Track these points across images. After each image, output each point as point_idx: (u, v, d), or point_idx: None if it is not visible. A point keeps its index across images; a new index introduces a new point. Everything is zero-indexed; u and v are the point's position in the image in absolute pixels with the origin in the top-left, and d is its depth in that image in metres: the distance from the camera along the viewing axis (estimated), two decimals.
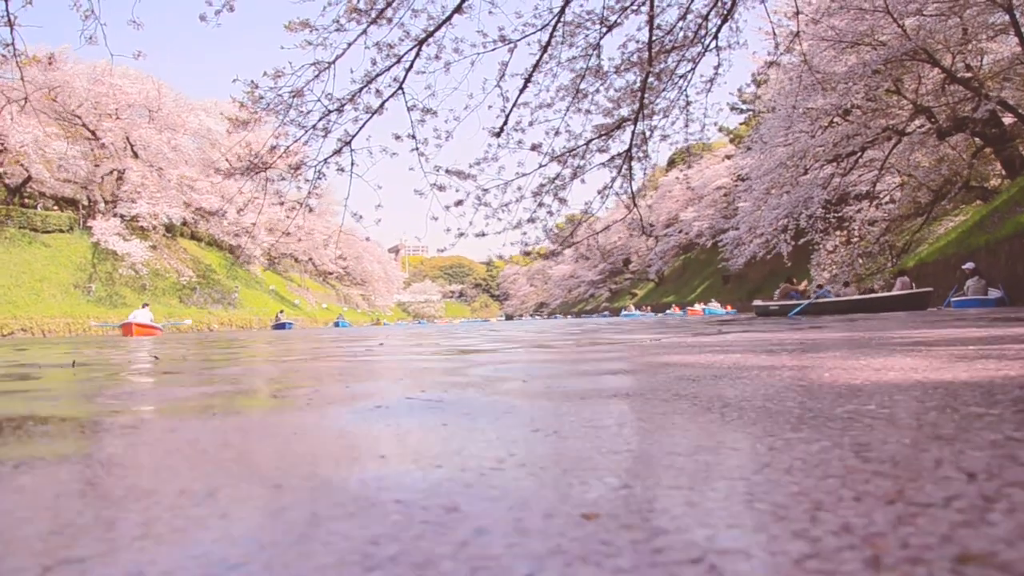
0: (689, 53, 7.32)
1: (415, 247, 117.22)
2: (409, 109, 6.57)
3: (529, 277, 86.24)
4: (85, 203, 30.71)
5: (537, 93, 7.18)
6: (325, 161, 6.64)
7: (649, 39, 6.97)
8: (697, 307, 33.67)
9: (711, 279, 43.60)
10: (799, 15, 8.24)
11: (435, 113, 6.70)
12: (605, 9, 6.83)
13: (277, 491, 0.78)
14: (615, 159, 7.68)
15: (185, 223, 33.70)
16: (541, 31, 6.71)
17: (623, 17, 6.89)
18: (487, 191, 7.14)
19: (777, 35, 9.71)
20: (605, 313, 52.44)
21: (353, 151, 6.55)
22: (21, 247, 26.69)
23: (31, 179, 27.91)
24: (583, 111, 7.46)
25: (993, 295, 11.60)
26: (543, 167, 7.46)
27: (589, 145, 7.56)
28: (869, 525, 0.57)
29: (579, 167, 7.61)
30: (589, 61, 7.11)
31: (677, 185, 44.10)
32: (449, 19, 6.24)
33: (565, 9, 6.64)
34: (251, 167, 6.80)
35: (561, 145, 7.48)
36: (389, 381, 2.30)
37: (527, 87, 6.97)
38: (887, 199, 20.04)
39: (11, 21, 4.84)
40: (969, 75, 15.48)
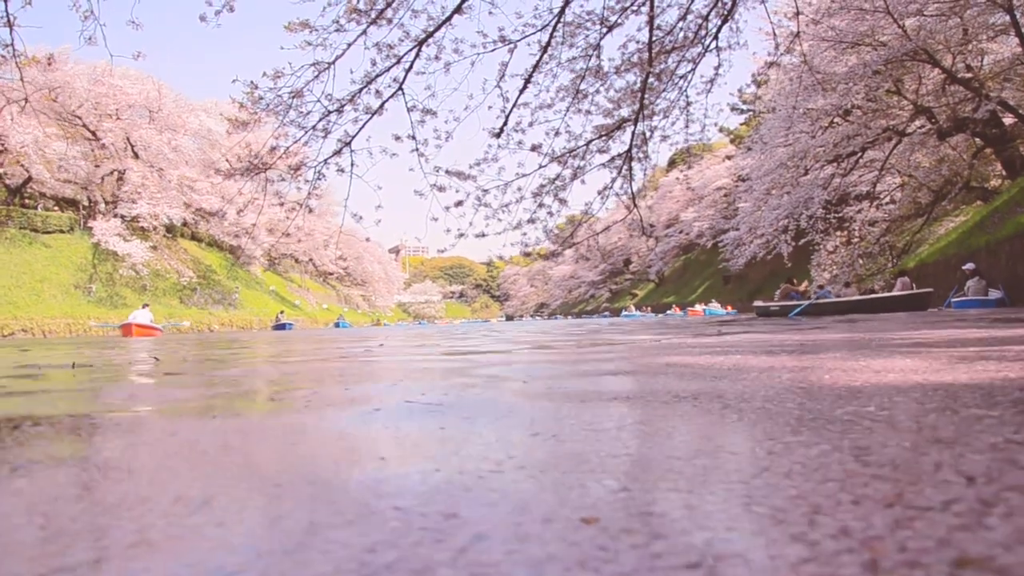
0: (689, 54, 7.32)
1: (415, 248, 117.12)
2: (409, 110, 6.58)
3: (529, 278, 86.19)
4: (85, 203, 30.72)
5: (537, 94, 7.18)
6: (325, 162, 6.64)
7: (649, 39, 6.97)
8: (697, 308, 33.57)
9: (711, 280, 43.58)
10: (799, 15, 8.24)
11: (435, 114, 6.70)
12: (605, 9, 6.84)
13: (275, 496, 0.77)
14: (615, 160, 7.68)
15: (185, 224, 33.75)
16: (541, 31, 6.71)
17: (623, 17, 6.89)
18: (487, 192, 7.14)
19: (777, 35, 9.73)
20: (605, 314, 52.40)
21: (353, 152, 6.55)
22: (22, 248, 26.69)
23: (31, 180, 27.92)
24: (583, 112, 7.46)
25: (993, 296, 11.59)
26: (543, 168, 7.46)
27: (589, 146, 7.56)
28: (867, 529, 0.57)
29: (579, 168, 7.61)
30: (589, 61, 7.11)
31: (677, 185, 44.10)
32: (449, 19, 6.24)
33: (565, 9, 6.64)
34: (251, 168, 6.80)
35: (561, 146, 7.49)
36: (389, 383, 2.30)
37: (527, 87, 6.97)
38: (887, 200, 20.03)
39: (11, 22, 4.84)
40: (969, 75, 15.47)
